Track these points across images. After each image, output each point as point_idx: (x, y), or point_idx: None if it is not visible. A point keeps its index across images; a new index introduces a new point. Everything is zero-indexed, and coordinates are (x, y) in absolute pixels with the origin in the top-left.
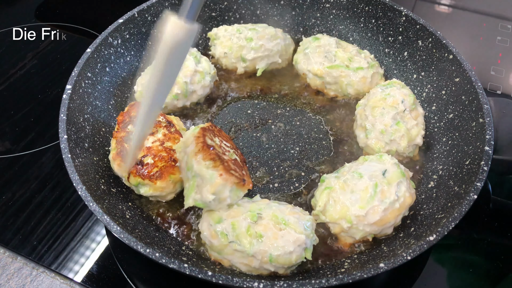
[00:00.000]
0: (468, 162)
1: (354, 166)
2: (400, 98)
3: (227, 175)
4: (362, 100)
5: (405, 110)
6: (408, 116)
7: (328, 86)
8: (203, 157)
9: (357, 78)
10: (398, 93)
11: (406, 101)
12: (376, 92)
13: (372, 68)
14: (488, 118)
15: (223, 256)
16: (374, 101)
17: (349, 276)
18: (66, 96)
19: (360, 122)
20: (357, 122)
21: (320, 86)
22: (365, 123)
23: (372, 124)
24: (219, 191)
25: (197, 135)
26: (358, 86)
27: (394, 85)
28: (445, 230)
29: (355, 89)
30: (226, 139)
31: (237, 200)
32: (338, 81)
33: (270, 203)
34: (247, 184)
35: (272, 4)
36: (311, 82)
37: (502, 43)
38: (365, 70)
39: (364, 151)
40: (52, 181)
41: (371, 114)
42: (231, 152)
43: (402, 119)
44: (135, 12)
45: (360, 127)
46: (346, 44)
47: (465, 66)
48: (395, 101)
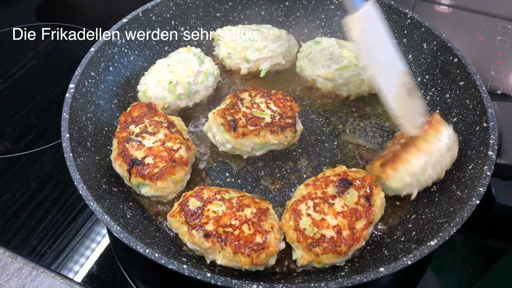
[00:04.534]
0: (471, 166)
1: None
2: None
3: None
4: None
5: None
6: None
7: (340, 88)
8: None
9: (368, 74)
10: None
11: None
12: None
13: None
14: (492, 123)
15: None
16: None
17: (348, 279)
18: (69, 95)
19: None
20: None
21: (332, 89)
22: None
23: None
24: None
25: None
26: (371, 82)
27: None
28: (447, 235)
29: (369, 86)
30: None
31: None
32: (350, 81)
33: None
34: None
35: (276, 5)
36: (322, 87)
37: (502, 43)
38: None
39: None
40: (52, 181)
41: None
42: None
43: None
44: (140, 11)
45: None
46: (346, 42)
47: (470, 70)
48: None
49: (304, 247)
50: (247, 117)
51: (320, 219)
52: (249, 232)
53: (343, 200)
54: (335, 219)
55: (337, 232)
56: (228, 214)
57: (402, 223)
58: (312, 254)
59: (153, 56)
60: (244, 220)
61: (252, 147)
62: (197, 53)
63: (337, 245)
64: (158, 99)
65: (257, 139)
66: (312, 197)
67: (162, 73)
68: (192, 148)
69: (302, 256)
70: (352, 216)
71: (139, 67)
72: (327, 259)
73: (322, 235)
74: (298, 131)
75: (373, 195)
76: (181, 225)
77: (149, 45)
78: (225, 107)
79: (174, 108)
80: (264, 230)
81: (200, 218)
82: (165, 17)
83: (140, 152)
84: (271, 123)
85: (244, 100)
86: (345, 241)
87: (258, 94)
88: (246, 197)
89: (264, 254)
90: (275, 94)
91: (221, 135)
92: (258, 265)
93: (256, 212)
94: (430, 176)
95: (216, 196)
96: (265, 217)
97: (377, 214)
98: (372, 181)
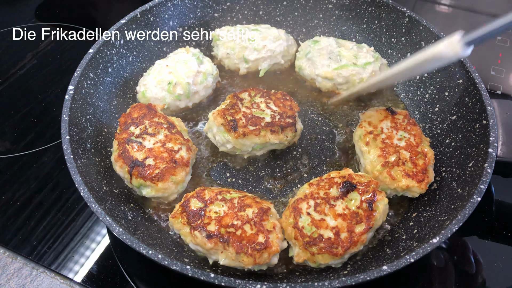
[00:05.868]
0: (471, 164)
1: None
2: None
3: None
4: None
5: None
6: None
7: (339, 87)
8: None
9: (367, 73)
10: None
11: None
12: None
13: (378, 60)
14: (491, 120)
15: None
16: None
17: (352, 278)
18: (69, 96)
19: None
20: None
21: (331, 88)
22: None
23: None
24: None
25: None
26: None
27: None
28: (449, 233)
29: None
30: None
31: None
32: (349, 80)
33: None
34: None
35: (274, 5)
36: (321, 86)
37: (502, 43)
38: (372, 64)
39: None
40: (52, 181)
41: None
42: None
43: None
44: (138, 12)
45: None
46: (344, 41)
47: (469, 68)
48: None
49: (301, 245)
50: (247, 117)
51: (319, 219)
52: (251, 232)
53: (345, 203)
54: (335, 220)
55: (335, 234)
56: (230, 214)
57: (404, 221)
58: (308, 253)
59: (151, 57)
60: (246, 220)
61: (252, 147)
62: (196, 54)
63: (333, 246)
64: (158, 100)
65: (258, 139)
66: (314, 197)
67: (161, 73)
68: (192, 149)
69: (298, 253)
70: (352, 219)
71: (138, 68)
72: (323, 259)
73: (320, 235)
74: (298, 131)
75: (376, 201)
76: (183, 226)
77: (147, 46)
78: (225, 107)
79: (173, 108)
80: (266, 229)
81: (202, 219)
82: (163, 18)
83: (140, 153)
84: (271, 123)
85: (244, 100)
86: (342, 244)
87: (258, 94)
88: (247, 197)
89: (267, 254)
90: (275, 94)
91: (222, 135)
92: (260, 264)
93: (258, 212)
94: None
95: (218, 196)
96: (266, 217)
97: (378, 219)
98: (377, 186)
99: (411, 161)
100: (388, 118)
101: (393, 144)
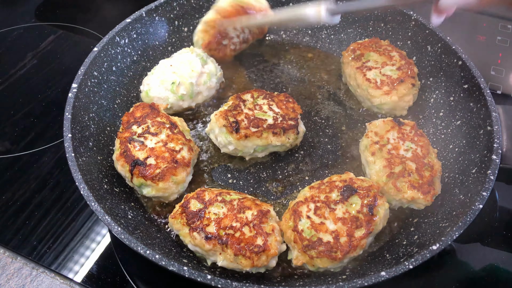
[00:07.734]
0: (474, 170)
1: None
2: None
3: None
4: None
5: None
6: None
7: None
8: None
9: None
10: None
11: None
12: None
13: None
14: (496, 126)
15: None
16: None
17: (350, 283)
18: (72, 94)
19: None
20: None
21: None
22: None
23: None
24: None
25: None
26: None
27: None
28: (449, 240)
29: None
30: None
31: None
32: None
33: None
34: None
35: (280, 6)
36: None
37: (502, 43)
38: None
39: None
40: (52, 181)
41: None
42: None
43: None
44: (143, 11)
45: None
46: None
47: (475, 73)
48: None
49: (300, 248)
50: (250, 119)
51: (319, 222)
52: (250, 234)
53: (345, 207)
54: (335, 224)
55: (335, 238)
56: (229, 216)
57: (404, 226)
58: (307, 256)
59: (156, 56)
60: (245, 222)
61: (254, 149)
62: (200, 54)
63: (332, 250)
64: (161, 100)
65: (260, 141)
66: (315, 200)
67: (165, 73)
68: (194, 149)
69: (297, 257)
70: (352, 223)
71: (142, 67)
72: (321, 263)
73: (319, 238)
74: (300, 133)
75: (377, 205)
76: (182, 226)
77: (152, 45)
78: (227, 109)
79: (176, 108)
80: (265, 232)
81: (201, 220)
82: (169, 17)
83: (142, 153)
84: (274, 125)
85: (247, 101)
86: (341, 248)
87: (261, 95)
88: (247, 199)
89: (265, 256)
90: (277, 96)
91: (224, 137)
92: (258, 267)
93: (257, 214)
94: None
95: (217, 198)
96: (266, 219)
97: (378, 224)
98: (378, 191)
99: (417, 173)
100: (395, 129)
101: (399, 155)
